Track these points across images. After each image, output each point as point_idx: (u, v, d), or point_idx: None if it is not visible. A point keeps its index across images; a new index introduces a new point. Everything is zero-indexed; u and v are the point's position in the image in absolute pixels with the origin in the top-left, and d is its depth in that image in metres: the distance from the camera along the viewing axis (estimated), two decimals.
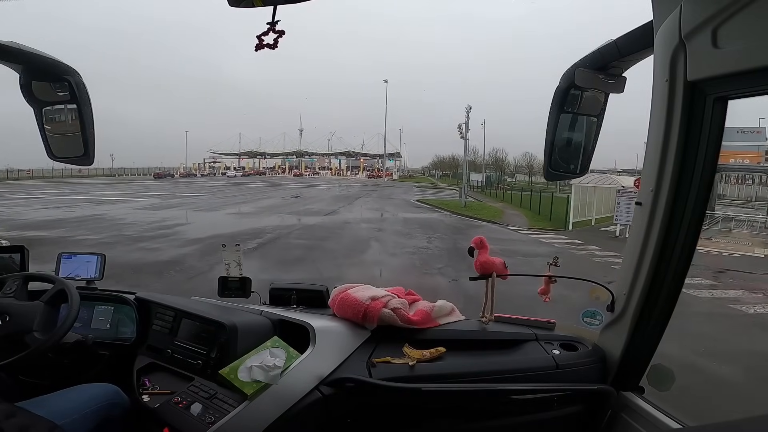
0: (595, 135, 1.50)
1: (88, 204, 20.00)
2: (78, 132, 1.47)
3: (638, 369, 1.44)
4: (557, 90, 1.46)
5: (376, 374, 1.42)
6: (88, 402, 1.34)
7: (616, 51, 1.30)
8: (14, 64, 1.37)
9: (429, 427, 1.48)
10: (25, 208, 18.27)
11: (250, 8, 0.88)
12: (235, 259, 1.84)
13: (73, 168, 37.66)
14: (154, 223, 14.39)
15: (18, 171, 48.99)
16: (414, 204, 23.94)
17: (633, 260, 1.31)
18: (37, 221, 14.07)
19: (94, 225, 13.68)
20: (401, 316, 1.60)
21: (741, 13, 0.92)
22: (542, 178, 1.48)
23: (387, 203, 24.16)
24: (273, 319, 1.59)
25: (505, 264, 1.73)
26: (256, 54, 0.91)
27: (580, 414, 1.50)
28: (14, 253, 1.89)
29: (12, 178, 45.58)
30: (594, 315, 1.58)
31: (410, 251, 10.72)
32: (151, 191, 29.03)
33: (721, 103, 1.08)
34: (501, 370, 1.49)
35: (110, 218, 15.43)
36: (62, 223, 13.75)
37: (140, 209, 18.45)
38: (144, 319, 1.69)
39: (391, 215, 18.42)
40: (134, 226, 13.71)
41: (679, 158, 1.15)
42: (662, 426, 1.32)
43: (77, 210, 17.77)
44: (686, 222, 1.19)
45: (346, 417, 1.42)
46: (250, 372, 1.33)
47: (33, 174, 48.14)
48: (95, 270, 1.91)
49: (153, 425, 1.38)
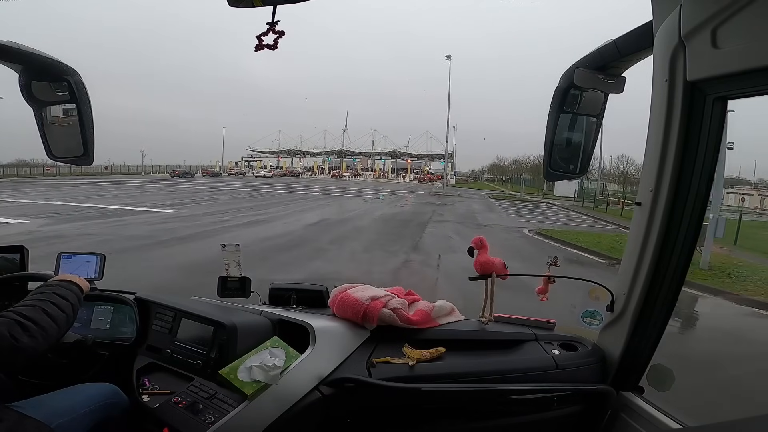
0: (595, 135, 1.50)
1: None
2: (78, 132, 1.47)
3: (638, 369, 1.44)
4: (557, 90, 1.46)
5: (376, 374, 1.42)
6: (87, 401, 1.34)
7: (615, 51, 1.30)
8: (14, 64, 1.37)
9: (429, 427, 1.48)
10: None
11: (250, 8, 0.88)
12: (234, 259, 1.84)
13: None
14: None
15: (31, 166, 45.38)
16: (535, 240, 12.76)
17: (632, 260, 1.31)
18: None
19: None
20: (401, 316, 1.60)
21: (741, 13, 0.92)
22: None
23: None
24: (273, 319, 1.59)
25: (504, 264, 1.73)
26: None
27: (580, 414, 1.50)
28: (14, 254, 1.89)
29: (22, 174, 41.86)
30: (594, 315, 1.58)
31: None
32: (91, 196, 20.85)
33: (720, 103, 1.08)
34: (501, 370, 1.49)
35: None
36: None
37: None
38: (144, 319, 1.69)
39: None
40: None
41: (679, 158, 1.15)
42: (662, 426, 1.32)
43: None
44: (686, 222, 1.19)
45: (346, 417, 1.42)
46: (249, 372, 1.33)
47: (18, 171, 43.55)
48: (95, 270, 1.91)
49: (153, 425, 1.38)
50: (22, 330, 1.09)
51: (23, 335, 1.09)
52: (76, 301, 1.29)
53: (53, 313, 1.18)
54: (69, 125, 1.48)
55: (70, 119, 1.47)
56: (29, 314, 1.13)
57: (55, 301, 1.21)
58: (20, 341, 1.08)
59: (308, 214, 16.86)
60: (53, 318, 1.17)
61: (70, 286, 1.31)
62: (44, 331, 1.13)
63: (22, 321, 1.10)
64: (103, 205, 16.93)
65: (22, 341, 1.08)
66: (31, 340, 1.10)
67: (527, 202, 29.43)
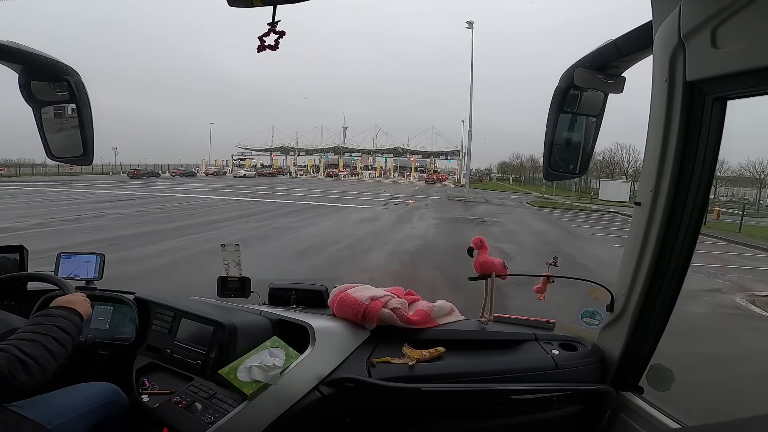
0: (595, 135, 1.50)
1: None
2: (77, 132, 1.47)
3: (637, 369, 1.44)
4: (556, 90, 1.46)
5: (376, 374, 1.42)
6: (87, 401, 1.34)
7: (615, 51, 1.30)
8: (13, 63, 1.37)
9: (428, 427, 1.48)
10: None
11: (250, 8, 0.88)
12: (234, 259, 1.84)
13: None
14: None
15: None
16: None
17: (632, 260, 1.31)
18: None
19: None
20: (401, 316, 1.60)
21: (740, 13, 0.92)
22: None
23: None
24: (272, 319, 1.59)
25: (504, 264, 1.73)
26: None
27: (580, 414, 1.50)
28: (14, 253, 1.89)
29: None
30: (593, 315, 1.58)
31: None
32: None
33: (720, 103, 1.08)
34: (500, 370, 1.49)
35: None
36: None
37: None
38: (143, 319, 1.69)
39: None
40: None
41: (678, 158, 1.15)
42: (661, 426, 1.32)
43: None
44: (685, 222, 1.19)
45: (346, 417, 1.42)
46: (249, 372, 1.33)
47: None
48: (94, 270, 1.91)
49: (152, 425, 1.38)
50: (22, 368, 1.06)
51: (21, 374, 1.06)
52: (76, 334, 1.25)
53: (54, 349, 1.14)
54: (68, 125, 1.48)
55: (69, 119, 1.47)
56: (30, 351, 1.09)
57: (57, 336, 1.17)
58: (17, 379, 1.05)
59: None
60: (53, 354, 1.13)
61: (72, 317, 1.26)
62: (43, 369, 1.10)
63: (23, 358, 1.07)
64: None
65: (20, 380, 1.05)
66: (28, 379, 1.07)
67: (585, 211, 22.81)
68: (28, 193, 21.42)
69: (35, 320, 1.21)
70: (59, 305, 1.28)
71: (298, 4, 0.90)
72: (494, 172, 71.98)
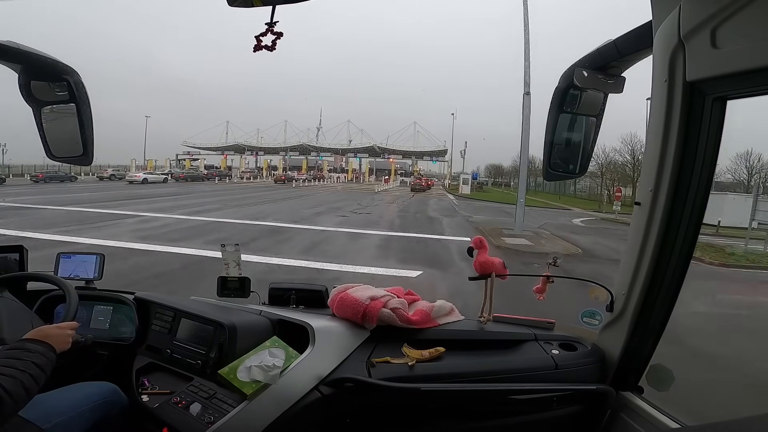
0: (595, 135, 1.50)
1: None
2: (77, 132, 1.47)
3: (637, 369, 1.44)
4: (556, 90, 1.46)
5: (376, 374, 1.42)
6: (85, 399, 1.34)
7: (615, 51, 1.30)
8: (13, 63, 1.37)
9: (428, 427, 1.48)
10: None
11: (249, 8, 0.88)
12: (234, 259, 1.84)
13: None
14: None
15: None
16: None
17: (632, 260, 1.31)
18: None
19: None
20: (400, 316, 1.60)
21: (740, 13, 0.92)
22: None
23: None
24: (272, 319, 1.59)
25: (504, 264, 1.73)
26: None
27: (580, 414, 1.50)
28: (14, 253, 1.89)
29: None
30: (593, 315, 1.58)
31: None
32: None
33: (720, 104, 1.08)
34: (500, 370, 1.49)
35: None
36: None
37: None
38: (143, 319, 1.69)
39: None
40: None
41: (678, 159, 1.15)
42: (661, 426, 1.32)
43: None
44: (685, 222, 1.19)
45: (346, 417, 1.42)
46: (249, 372, 1.33)
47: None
48: (94, 270, 1.91)
49: (152, 425, 1.38)
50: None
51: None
52: (50, 370, 1.20)
53: (29, 386, 1.10)
54: (68, 125, 1.47)
55: (69, 119, 1.47)
56: (9, 387, 1.05)
57: (34, 373, 1.13)
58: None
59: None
60: (28, 392, 1.10)
61: (49, 353, 1.20)
62: (16, 405, 1.06)
63: (1, 394, 1.03)
64: None
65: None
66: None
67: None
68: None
69: (12, 353, 1.15)
70: (36, 338, 1.22)
71: (297, 4, 0.90)
72: (482, 175, 62.88)
